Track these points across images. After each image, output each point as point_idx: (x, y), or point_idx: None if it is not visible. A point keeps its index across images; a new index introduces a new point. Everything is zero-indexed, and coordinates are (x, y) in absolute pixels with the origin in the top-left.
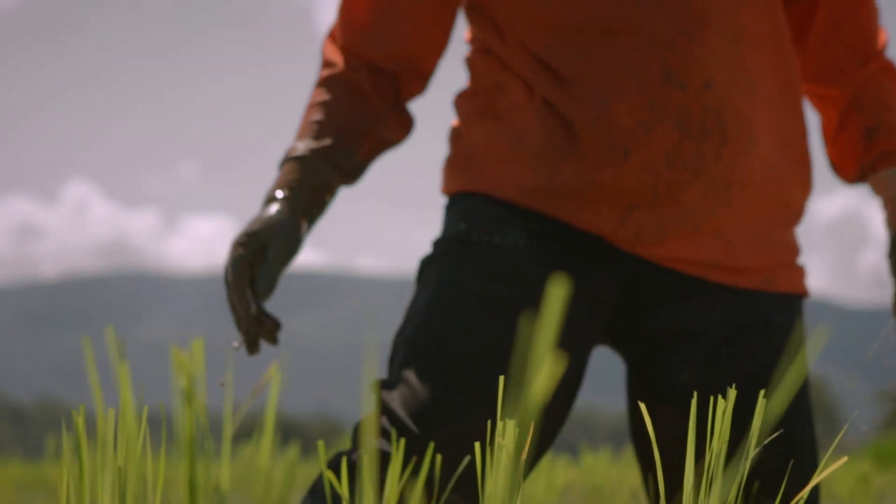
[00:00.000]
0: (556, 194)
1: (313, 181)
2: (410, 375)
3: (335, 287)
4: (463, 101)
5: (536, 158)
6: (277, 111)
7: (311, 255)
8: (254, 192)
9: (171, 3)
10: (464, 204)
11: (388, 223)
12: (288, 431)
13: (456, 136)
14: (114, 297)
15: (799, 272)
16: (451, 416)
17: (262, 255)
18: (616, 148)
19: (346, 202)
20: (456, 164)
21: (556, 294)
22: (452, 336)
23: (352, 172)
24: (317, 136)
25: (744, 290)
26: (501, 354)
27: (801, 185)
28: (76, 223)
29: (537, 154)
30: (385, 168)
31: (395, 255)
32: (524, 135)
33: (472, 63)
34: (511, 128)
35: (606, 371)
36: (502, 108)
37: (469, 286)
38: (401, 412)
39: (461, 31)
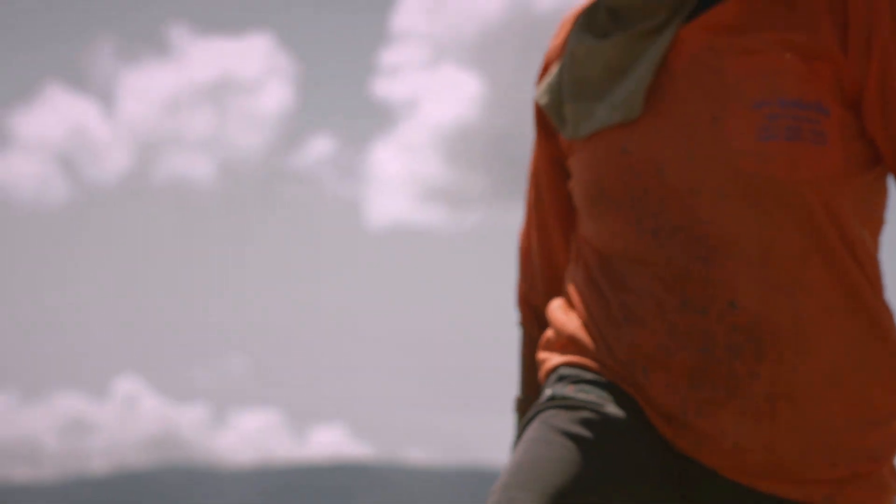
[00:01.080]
0: (613, 375)
1: None
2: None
3: (383, 479)
4: None
5: (594, 340)
6: (325, 304)
7: (357, 447)
8: (303, 386)
9: (220, 194)
10: (553, 376)
11: (438, 412)
12: None
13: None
14: (164, 492)
15: (874, 489)
16: None
17: None
18: (637, 367)
19: (394, 391)
20: (542, 348)
21: None
22: (550, 470)
23: None
24: (522, 390)
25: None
26: (597, 484)
27: (892, 386)
28: (126, 418)
29: (595, 336)
30: (437, 357)
31: (446, 445)
32: (585, 315)
33: None
34: (576, 313)
35: None
36: (572, 299)
37: (560, 429)
38: None
39: None
